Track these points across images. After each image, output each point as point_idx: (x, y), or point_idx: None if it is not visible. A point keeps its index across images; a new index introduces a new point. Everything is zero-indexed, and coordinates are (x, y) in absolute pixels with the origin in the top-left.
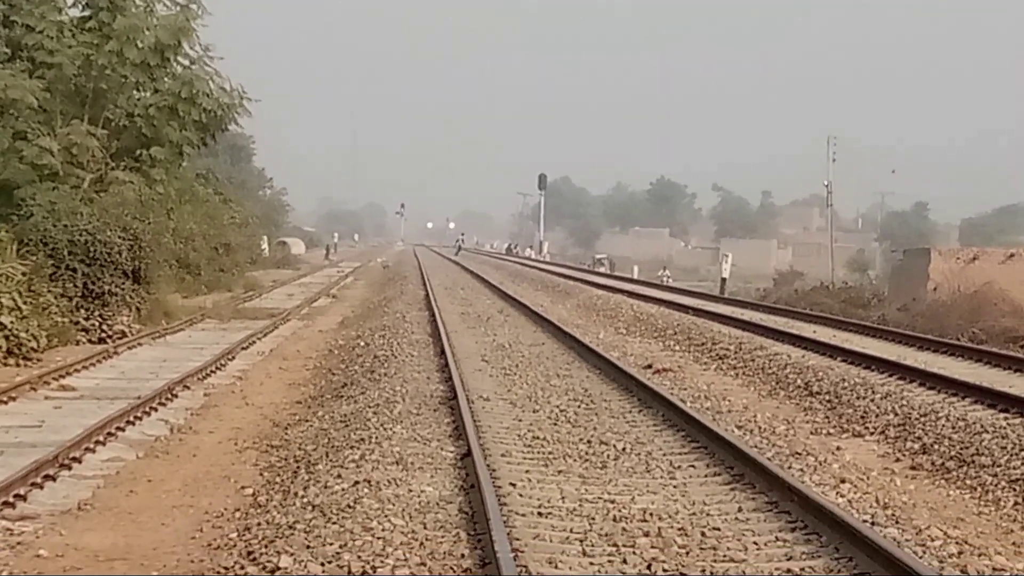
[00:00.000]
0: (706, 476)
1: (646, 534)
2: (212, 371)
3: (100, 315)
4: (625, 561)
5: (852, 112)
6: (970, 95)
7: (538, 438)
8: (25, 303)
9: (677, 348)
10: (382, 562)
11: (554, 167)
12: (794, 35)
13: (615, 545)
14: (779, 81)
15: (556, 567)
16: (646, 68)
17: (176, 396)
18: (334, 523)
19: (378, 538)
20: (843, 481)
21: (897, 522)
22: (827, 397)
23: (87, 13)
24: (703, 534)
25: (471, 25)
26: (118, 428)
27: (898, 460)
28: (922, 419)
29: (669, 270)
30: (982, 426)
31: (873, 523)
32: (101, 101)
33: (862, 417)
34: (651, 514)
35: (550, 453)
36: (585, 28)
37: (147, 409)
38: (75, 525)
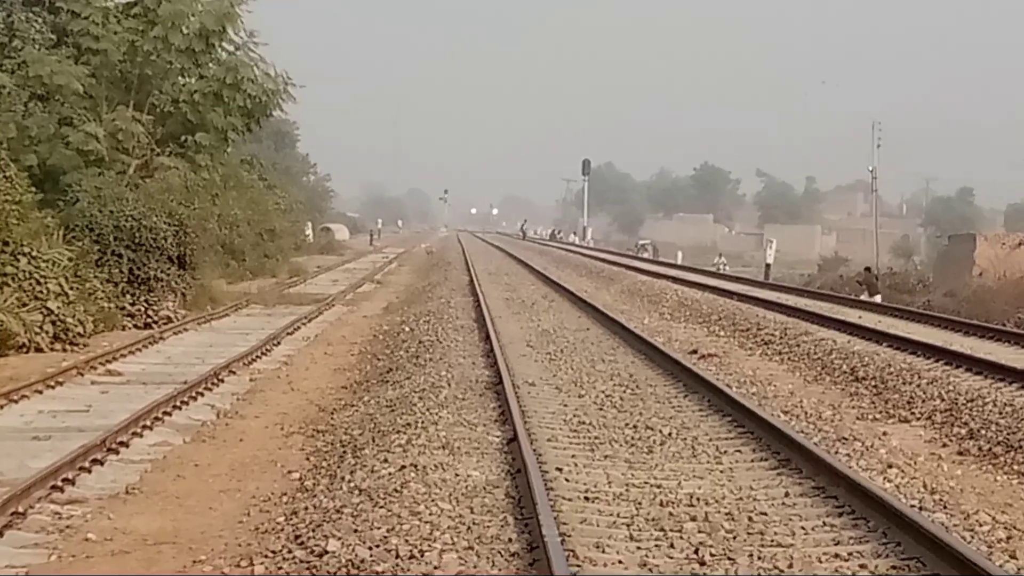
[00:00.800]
0: (752, 461)
1: (693, 519)
2: (258, 356)
3: (146, 300)
4: (672, 545)
5: (896, 94)
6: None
7: (584, 423)
8: (71, 288)
9: (722, 333)
10: (429, 546)
11: (598, 152)
12: (839, 17)
13: (662, 530)
14: (825, 63)
15: (603, 551)
16: (689, 50)
17: (222, 381)
18: (381, 507)
19: (425, 522)
20: (890, 466)
21: (945, 507)
22: (873, 382)
23: None
24: (750, 519)
25: (514, 10)
26: (165, 413)
27: (945, 445)
28: (969, 404)
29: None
30: None
31: (921, 508)
32: (146, 87)
33: (908, 402)
34: (698, 499)
35: (596, 438)
36: (628, 11)
37: (193, 394)
38: (123, 509)
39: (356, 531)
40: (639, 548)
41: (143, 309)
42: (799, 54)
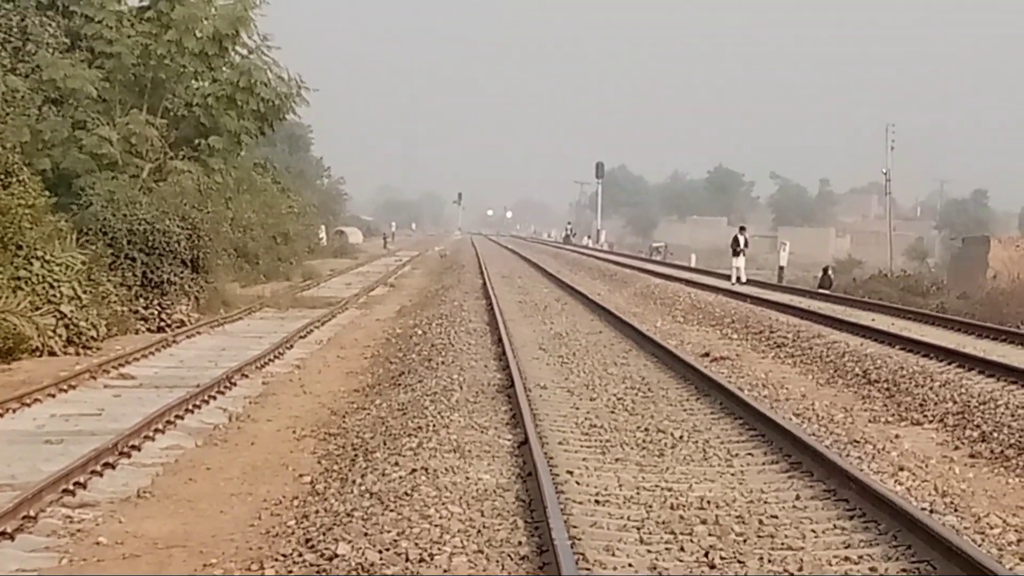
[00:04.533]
0: (764, 464)
1: (703, 522)
2: (270, 360)
3: (159, 304)
4: (683, 549)
5: (911, 95)
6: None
7: (595, 426)
8: (85, 292)
9: (735, 336)
10: (439, 549)
11: (611, 155)
12: (854, 19)
13: (672, 533)
14: (839, 65)
15: (614, 555)
16: (701, 53)
17: (234, 384)
18: (392, 511)
19: (436, 525)
20: (901, 469)
21: (956, 510)
22: (885, 385)
23: (146, 3)
24: (761, 522)
25: (529, 13)
26: (177, 416)
27: (957, 448)
28: (981, 407)
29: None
30: None
31: (932, 511)
32: (160, 91)
33: (920, 405)
34: (709, 502)
35: (607, 441)
36: (641, 15)
37: (206, 397)
38: (134, 512)
39: (366, 534)
40: (649, 551)
41: (156, 313)
42: (813, 55)
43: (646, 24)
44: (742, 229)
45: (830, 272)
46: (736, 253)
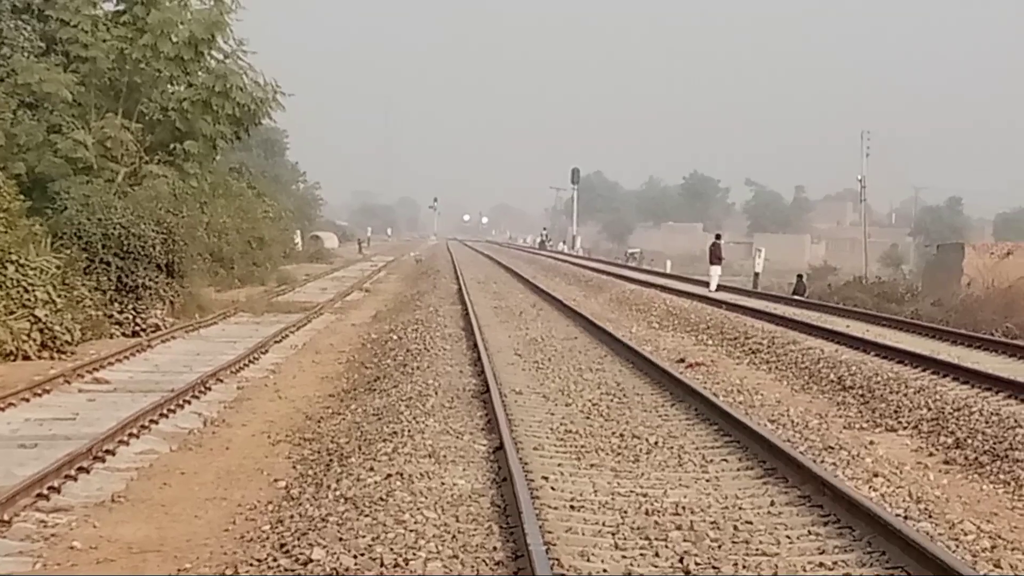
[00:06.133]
0: (739, 470)
1: (678, 528)
2: (245, 364)
3: (134, 308)
4: (657, 555)
5: (885, 104)
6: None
7: (571, 432)
8: (59, 296)
9: (710, 343)
10: (414, 555)
11: (587, 161)
12: (828, 25)
13: (647, 539)
14: (814, 73)
15: (588, 560)
16: (678, 59)
17: (209, 389)
18: (367, 516)
19: (411, 531)
20: (876, 475)
21: (930, 516)
22: (860, 392)
23: (121, 7)
24: (735, 528)
25: (504, 19)
26: (151, 421)
27: (931, 455)
28: (955, 414)
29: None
30: (1016, 421)
31: (906, 517)
32: (135, 95)
33: (895, 412)
34: (683, 508)
35: (582, 447)
36: (617, 20)
37: (180, 402)
38: (108, 517)
39: (341, 539)
40: (624, 557)
41: (131, 317)
42: (788, 62)
43: (623, 30)
44: (718, 237)
45: (804, 279)
46: (716, 260)
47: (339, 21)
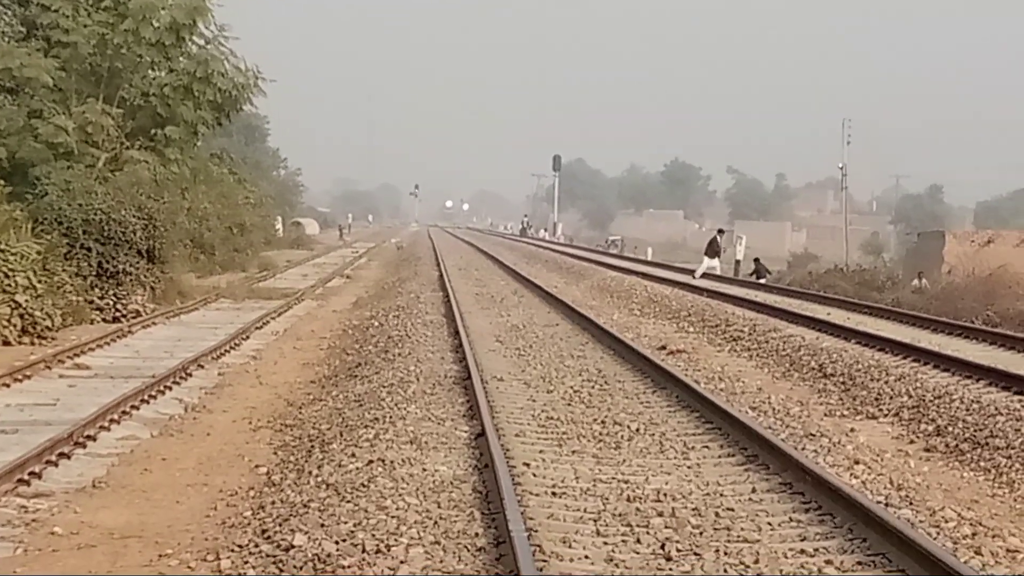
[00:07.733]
0: (720, 457)
1: (660, 514)
2: (226, 351)
3: (115, 294)
4: (639, 541)
5: (869, 93)
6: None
7: (552, 418)
8: (40, 282)
9: (691, 329)
10: (396, 540)
11: (568, 148)
12: (812, 16)
13: (629, 525)
14: (796, 62)
15: (570, 546)
16: (660, 47)
17: (190, 375)
18: (348, 502)
19: (392, 517)
20: (857, 462)
21: (911, 503)
22: (841, 379)
23: None
24: (717, 514)
25: (486, 6)
26: (132, 407)
27: (912, 442)
28: (936, 401)
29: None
30: (996, 408)
31: (887, 504)
32: (116, 80)
33: (876, 399)
34: (665, 494)
35: (564, 433)
36: (599, 8)
37: (161, 388)
38: (89, 503)
39: (323, 525)
40: (606, 543)
41: (112, 303)
42: (771, 51)
43: (605, 18)
44: (720, 232)
45: (761, 261)
46: (714, 254)
47: (321, 7)
